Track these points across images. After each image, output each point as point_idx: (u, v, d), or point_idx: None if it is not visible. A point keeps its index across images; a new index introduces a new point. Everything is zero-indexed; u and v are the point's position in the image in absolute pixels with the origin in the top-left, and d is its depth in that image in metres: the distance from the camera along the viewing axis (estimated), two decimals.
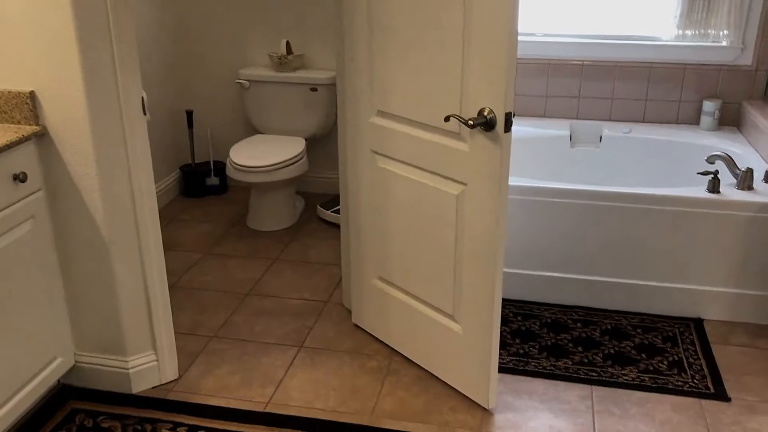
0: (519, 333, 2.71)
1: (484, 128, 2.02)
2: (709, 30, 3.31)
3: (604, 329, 2.73)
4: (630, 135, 3.37)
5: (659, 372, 2.48)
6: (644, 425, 2.24)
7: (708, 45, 3.33)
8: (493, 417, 2.28)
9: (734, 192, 2.70)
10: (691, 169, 3.14)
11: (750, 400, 2.35)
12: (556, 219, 2.78)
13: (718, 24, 3.29)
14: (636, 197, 2.70)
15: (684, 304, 2.80)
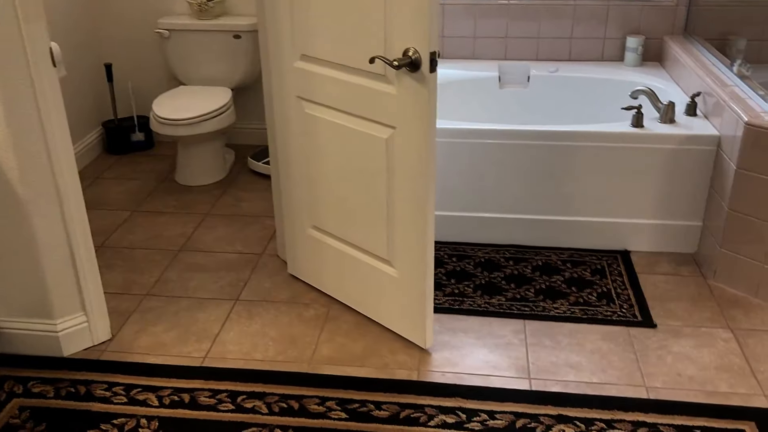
0: (454, 273, 2.75)
1: (409, 69, 1.99)
2: None
3: (536, 265, 2.80)
4: (557, 74, 3.40)
5: (589, 303, 2.57)
6: (575, 355, 2.31)
7: None
8: (430, 356, 2.32)
9: (657, 125, 2.77)
10: (617, 105, 3.19)
11: (674, 325, 2.46)
12: (486, 160, 2.80)
13: None
14: (563, 135, 2.74)
15: (611, 238, 2.89)
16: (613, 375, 2.22)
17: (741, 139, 2.47)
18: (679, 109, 2.89)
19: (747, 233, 2.53)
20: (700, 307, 2.55)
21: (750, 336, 2.39)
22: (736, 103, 2.58)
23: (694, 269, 2.77)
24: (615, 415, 2.06)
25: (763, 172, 2.43)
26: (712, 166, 2.72)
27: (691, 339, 2.38)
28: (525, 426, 2.02)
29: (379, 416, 2.07)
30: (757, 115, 2.47)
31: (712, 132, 2.69)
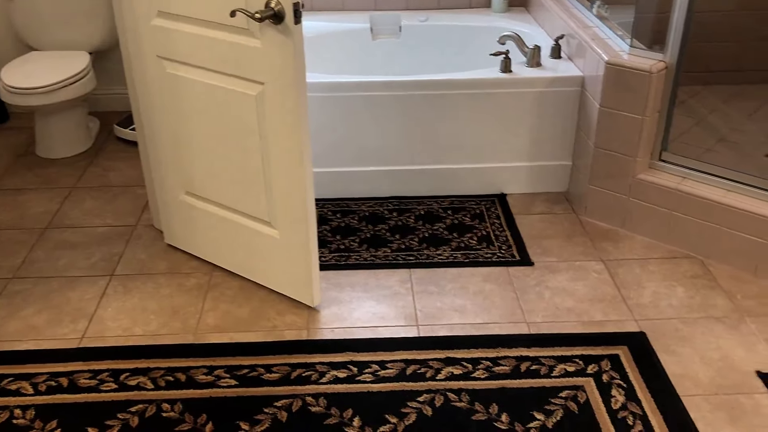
0: (338, 230, 2.73)
1: (273, 21, 1.92)
2: None
3: (418, 215, 2.83)
4: (427, 23, 3.40)
5: (470, 248, 2.63)
6: (460, 298, 2.37)
7: None
8: (319, 314, 2.31)
9: (525, 70, 2.83)
10: (486, 52, 3.24)
11: (550, 261, 2.56)
12: (361, 113, 2.78)
13: None
14: (435, 83, 2.75)
15: (488, 182, 2.96)
16: (495, 314, 2.30)
17: (602, 79, 2.57)
18: (545, 52, 2.97)
19: (612, 169, 2.66)
20: (573, 242, 2.67)
21: (620, 266, 2.53)
22: (596, 44, 2.68)
23: (566, 207, 2.89)
24: (499, 352, 2.13)
25: (623, 109, 2.55)
26: (577, 106, 2.82)
27: (566, 273, 2.49)
28: (415, 372, 2.06)
29: (270, 379, 2.04)
30: (616, 55, 2.57)
31: (576, 73, 2.79)
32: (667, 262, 2.53)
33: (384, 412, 1.92)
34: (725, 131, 3.14)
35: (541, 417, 1.90)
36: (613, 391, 1.98)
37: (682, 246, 2.58)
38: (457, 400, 1.96)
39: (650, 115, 2.52)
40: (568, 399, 1.96)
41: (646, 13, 2.70)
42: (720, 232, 2.47)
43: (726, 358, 2.10)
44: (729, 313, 2.28)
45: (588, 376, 2.03)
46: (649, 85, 2.46)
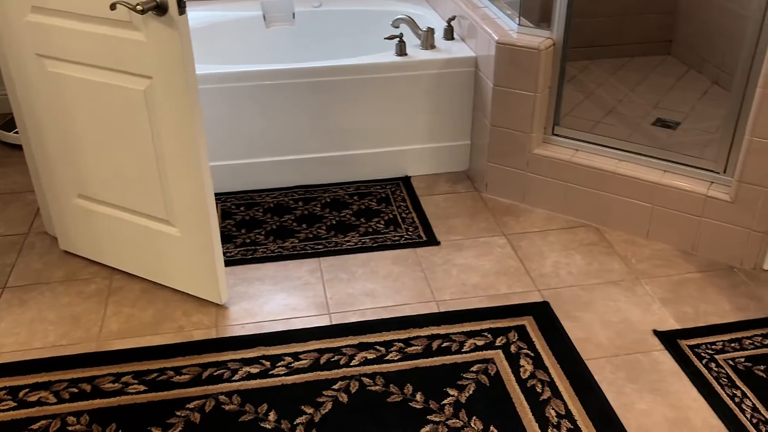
0: (243, 223, 2.69)
1: (156, 13, 1.85)
2: None
3: (325, 203, 2.82)
4: (321, 8, 3.38)
5: (378, 232, 2.64)
6: (370, 283, 2.38)
7: None
8: (228, 310, 2.27)
9: (419, 52, 2.85)
10: (381, 35, 3.25)
11: (456, 239, 2.61)
12: (257, 103, 2.73)
13: None
14: (332, 70, 2.74)
15: (392, 166, 2.98)
16: (406, 296, 2.32)
17: (494, 58, 2.62)
18: (438, 34, 3.00)
19: (508, 145, 2.72)
20: (477, 219, 2.73)
21: (522, 239, 2.61)
22: (487, 24, 2.73)
23: (468, 185, 2.95)
24: (411, 333, 2.16)
25: (515, 86, 2.61)
26: (473, 86, 2.87)
27: (471, 250, 2.55)
28: (329, 360, 2.05)
29: (180, 381, 1.99)
30: (505, 34, 2.63)
31: (470, 54, 2.84)
32: (566, 232, 2.63)
33: (300, 404, 1.91)
34: (613, 103, 3.28)
35: (454, 393, 1.94)
36: (522, 360, 2.05)
37: (579, 215, 2.69)
38: (372, 384, 1.97)
39: (541, 91, 2.60)
40: (479, 372, 2.01)
41: None
42: (613, 199, 2.58)
43: (624, 320, 2.21)
44: (625, 276, 2.40)
45: (497, 349, 2.09)
46: (539, 63, 2.53)
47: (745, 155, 2.28)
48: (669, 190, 2.46)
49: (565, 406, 1.89)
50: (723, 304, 2.26)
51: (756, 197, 2.30)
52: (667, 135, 2.97)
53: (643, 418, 1.87)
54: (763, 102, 2.18)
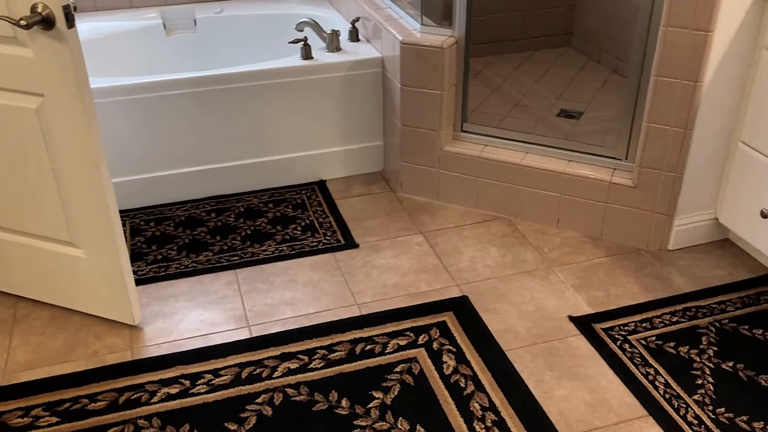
0: (154, 239, 2.60)
1: (43, 27, 1.76)
2: None
3: (239, 213, 2.76)
4: (223, 14, 3.31)
5: (295, 239, 2.61)
6: (290, 291, 2.35)
7: None
8: (142, 331, 2.19)
9: (325, 55, 2.84)
10: (287, 39, 3.21)
11: (374, 240, 2.61)
12: (162, 114, 2.65)
13: None
14: (237, 76, 2.69)
15: (307, 171, 2.95)
16: (327, 301, 2.31)
17: (399, 58, 2.64)
18: (344, 36, 2.99)
19: (419, 144, 2.75)
20: (393, 219, 2.73)
21: (438, 236, 2.63)
22: (391, 25, 2.74)
23: (384, 185, 2.96)
24: (334, 338, 2.14)
25: (422, 86, 2.63)
26: (381, 86, 2.88)
27: (390, 250, 2.55)
28: (251, 374, 2.02)
29: (96, 409, 1.91)
30: (409, 34, 2.65)
31: (376, 54, 2.84)
32: (480, 226, 2.67)
33: (223, 421, 1.87)
34: (519, 96, 3.35)
35: (379, 395, 1.94)
36: (444, 356, 2.07)
37: (492, 209, 2.74)
38: (297, 394, 1.95)
39: (448, 89, 2.63)
40: (404, 372, 2.01)
41: None
42: (523, 191, 2.64)
43: (540, 309, 2.26)
44: (538, 265, 2.46)
45: (420, 347, 2.10)
46: (443, 61, 2.56)
47: (643, 141, 2.37)
48: (575, 179, 2.53)
49: (488, 399, 1.92)
50: (632, 286, 2.35)
51: (656, 181, 2.40)
52: (571, 125, 3.07)
53: (564, 404, 1.92)
54: (657, 89, 2.28)
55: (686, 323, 2.17)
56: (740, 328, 2.15)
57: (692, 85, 2.22)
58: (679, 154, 2.33)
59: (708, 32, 2.13)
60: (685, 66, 2.20)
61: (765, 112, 2.20)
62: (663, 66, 2.23)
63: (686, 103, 2.25)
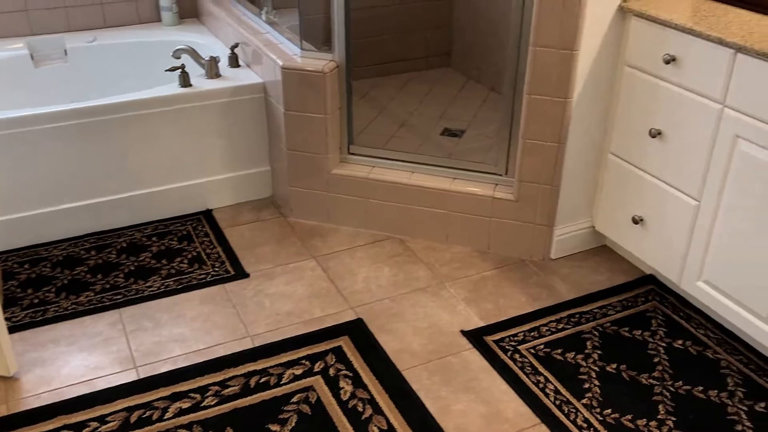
0: (30, 282, 2.45)
1: None
2: None
3: (121, 248, 2.65)
4: (95, 43, 3.18)
5: (182, 272, 2.53)
6: (178, 327, 2.27)
7: None
8: (19, 382, 2.05)
9: (205, 82, 2.78)
10: (164, 67, 3.12)
11: (266, 268, 2.57)
12: (32, 150, 2.51)
13: None
14: (114, 107, 2.59)
15: (191, 200, 2.87)
16: (218, 335, 2.24)
17: (282, 83, 2.62)
18: (223, 62, 2.95)
19: (307, 168, 2.73)
20: (285, 245, 2.70)
21: (331, 259, 2.62)
22: (270, 50, 2.72)
23: (273, 211, 2.92)
24: (227, 373, 2.08)
25: (306, 110, 2.62)
26: (264, 112, 2.85)
27: (282, 277, 2.52)
28: (140, 417, 1.92)
29: None
30: (290, 59, 2.64)
31: (257, 80, 2.81)
32: (372, 247, 2.69)
33: None
34: (404, 117, 3.41)
35: (276, 428, 1.89)
36: (341, 382, 2.05)
37: (382, 229, 2.76)
38: None
39: (331, 112, 2.63)
40: (300, 402, 1.98)
41: (310, 15, 2.81)
42: (411, 210, 2.68)
43: (434, 325, 2.29)
44: (430, 282, 2.49)
45: (316, 375, 2.08)
46: (325, 85, 2.57)
47: (521, 156, 2.46)
48: (460, 196, 2.59)
49: (387, 421, 1.92)
50: (519, 296, 2.42)
51: (535, 194, 2.49)
52: (454, 143, 3.14)
53: (461, 418, 1.94)
54: (531, 106, 2.37)
55: (571, 329, 2.26)
56: (621, 330, 2.25)
57: (562, 101, 2.33)
58: (554, 168, 2.43)
59: (573, 51, 2.25)
60: (555, 83, 2.31)
61: (630, 125, 2.34)
62: (534, 84, 2.33)
63: (558, 119, 2.35)
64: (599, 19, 2.24)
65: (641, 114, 2.28)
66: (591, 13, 2.21)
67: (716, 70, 2.00)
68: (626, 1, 2.25)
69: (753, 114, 1.92)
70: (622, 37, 2.30)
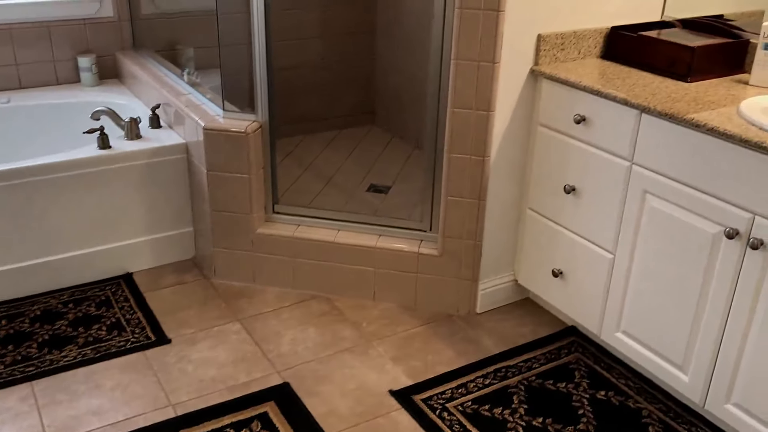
0: None
1: None
2: None
3: (34, 317, 2.53)
4: (9, 105, 3.10)
5: (100, 340, 2.43)
6: (96, 399, 2.17)
7: (66, 0, 3.23)
8: None
9: (125, 143, 2.74)
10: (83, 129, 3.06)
11: (188, 333, 2.50)
12: None
13: None
14: (31, 170, 2.51)
15: (111, 264, 2.78)
16: (138, 406, 2.15)
17: (204, 144, 2.60)
18: (144, 123, 2.91)
19: (231, 228, 2.70)
20: (208, 308, 2.64)
21: (256, 321, 2.57)
22: (192, 111, 2.71)
23: (196, 273, 2.86)
24: None
25: (229, 170, 2.61)
26: (187, 172, 2.82)
27: (206, 342, 2.45)
28: None
29: None
30: (212, 119, 2.63)
31: (179, 140, 2.79)
32: (298, 307, 2.66)
33: None
34: (330, 174, 3.43)
35: None
36: None
37: (309, 288, 2.74)
38: None
39: (255, 172, 2.62)
40: None
41: (233, 75, 2.82)
42: (338, 268, 2.67)
43: (362, 386, 2.26)
44: (357, 341, 2.47)
45: None
46: (248, 145, 2.57)
47: (444, 212, 2.50)
48: (386, 252, 2.61)
49: None
50: (447, 351, 2.43)
51: (459, 249, 2.53)
52: (380, 200, 3.17)
53: None
54: (451, 164, 2.43)
55: (498, 384, 2.27)
56: (546, 383, 2.28)
57: (481, 159, 2.39)
58: (476, 223, 2.48)
59: (489, 112, 2.32)
60: (473, 143, 2.37)
61: (546, 181, 2.42)
62: (454, 143, 2.39)
63: (477, 176, 2.42)
64: (513, 81, 2.34)
65: (556, 171, 2.37)
66: (504, 75, 2.30)
67: (623, 129, 2.10)
68: (537, 65, 2.35)
69: (659, 170, 2.02)
70: (535, 98, 2.40)
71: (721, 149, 1.85)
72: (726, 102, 2.02)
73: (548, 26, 2.33)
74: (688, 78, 2.21)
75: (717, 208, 1.88)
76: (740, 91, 2.13)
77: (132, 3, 3.36)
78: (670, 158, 1.98)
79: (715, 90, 2.14)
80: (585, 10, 2.38)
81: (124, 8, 3.35)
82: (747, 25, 2.37)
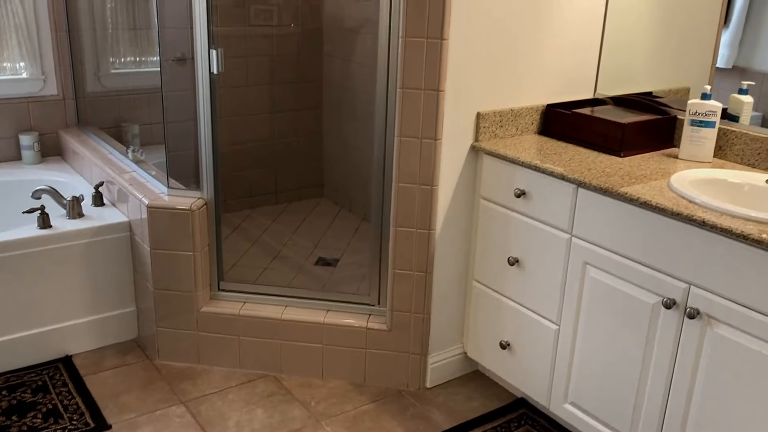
0: None
1: None
2: (4, 63, 3.19)
3: None
4: None
5: (35, 429, 2.32)
6: None
7: (9, 78, 3.21)
8: None
9: (66, 222, 2.68)
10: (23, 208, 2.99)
11: (130, 418, 2.40)
12: None
13: (12, 57, 3.20)
14: None
15: (49, 347, 2.68)
16: None
17: (147, 222, 2.57)
18: (87, 201, 2.87)
19: (175, 307, 2.65)
20: (151, 390, 2.55)
21: (201, 403, 2.50)
22: (136, 189, 2.69)
23: (139, 354, 2.77)
24: None
25: (173, 248, 2.57)
26: (130, 251, 2.77)
27: (148, 427, 2.36)
28: None
29: None
30: (156, 197, 2.61)
31: (122, 219, 2.75)
32: (245, 387, 2.59)
33: None
34: (278, 247, 3.42)
35: None
36: None
37: (256, 367, 2.68)
38: None
39: (200, 249, 2.60)
40: None
41: (178, 152, 2.81)
42: (285, 346, 2.63)
43: None
44: (306, 422, 2.42)
45: None
46: (193, 223, 2.54)
47: (392, 286, 2.51)
48: (334, 328, 2.58)
49: None
50: (397, 430, 2.39)
51: (407, 323, 2.53)
52: (328, 273, 3.16)
53: None
54: (398, 238, 2.45)
55: None
56: None
57: (426, 233, 2.42)
58: (424, 296, 2.49)
59: (433, 186, 2.37)
60: (418, 216, 2.40)
61: (490, 254, 2.45)
62: (400, 217, 2.42)
63: (423, 250, 2.44)
64: (455, 157, 2.39)
65: (499, 243, 2.41)
66: (447, 151, 2.36)
67: (562, 202, 2.16)
68: (478, 141, 2.42)
69: (597, 242, 2.08)
70: (477, 172, 2.46)
71: (655, 222, 1.91)
72: (657, 176, 2.10)
73: (487, 105, 2.41)
74: (621, 153, 2.30)
75: (654, 279, 1.94)
76: (670, 164, 2.23)
77: (77, 81, 3.36)
78: (607, 230, 2.04)
79: (647, 164, 2.23)
80: (521, 89, 2.48)
81: (69, 86, 3.34)
82: (674, 102, 2.50)
